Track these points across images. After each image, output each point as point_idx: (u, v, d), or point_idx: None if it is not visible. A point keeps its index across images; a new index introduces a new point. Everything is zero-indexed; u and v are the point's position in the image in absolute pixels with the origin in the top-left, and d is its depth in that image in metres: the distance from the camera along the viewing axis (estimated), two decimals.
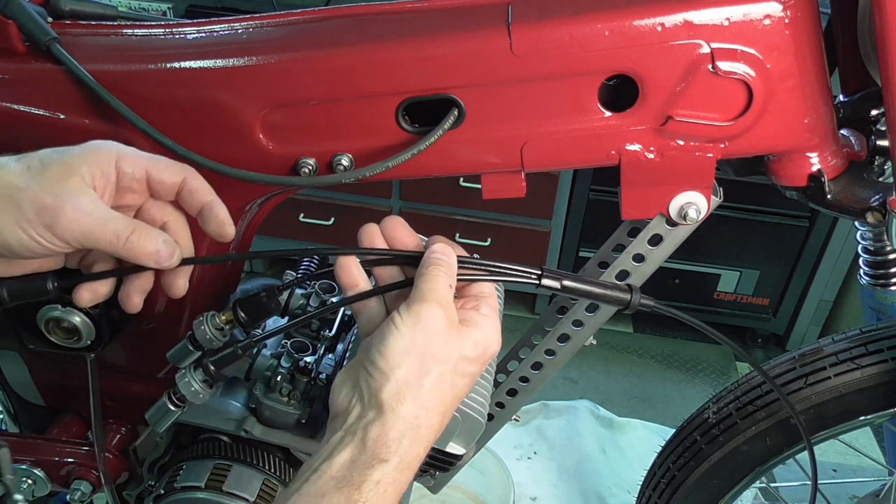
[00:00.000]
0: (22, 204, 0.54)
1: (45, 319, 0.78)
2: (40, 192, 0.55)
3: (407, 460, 0.56)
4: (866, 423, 0.94)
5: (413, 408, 0.56)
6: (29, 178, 0.55)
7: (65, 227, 0.55)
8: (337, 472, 0.55)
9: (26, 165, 0.56)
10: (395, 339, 0.57)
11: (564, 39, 0.65)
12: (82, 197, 0.56)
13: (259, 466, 0.88)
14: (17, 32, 0.70)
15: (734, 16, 0.63)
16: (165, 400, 0.73)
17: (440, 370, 0.57)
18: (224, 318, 0.71)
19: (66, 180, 0.55)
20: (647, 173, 0.70)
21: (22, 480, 0.92)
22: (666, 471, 1.06)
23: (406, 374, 0.56)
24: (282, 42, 0.71)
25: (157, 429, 0.75)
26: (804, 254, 2.14)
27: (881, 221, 0.69)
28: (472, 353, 0.59)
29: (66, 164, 0.56)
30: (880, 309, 1.40)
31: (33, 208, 0.54)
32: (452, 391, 0.59)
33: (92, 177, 0.57)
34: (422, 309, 0.58)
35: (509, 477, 1.60)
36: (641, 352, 2.31)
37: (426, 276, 0.60)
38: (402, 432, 0.56)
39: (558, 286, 0.65)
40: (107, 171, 0.57)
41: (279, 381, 0.83)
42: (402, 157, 0.67)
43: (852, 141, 0.74)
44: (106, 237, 0.57)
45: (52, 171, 0.55)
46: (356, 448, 0.56)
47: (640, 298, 0.66)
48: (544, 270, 0.65)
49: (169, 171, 0.61)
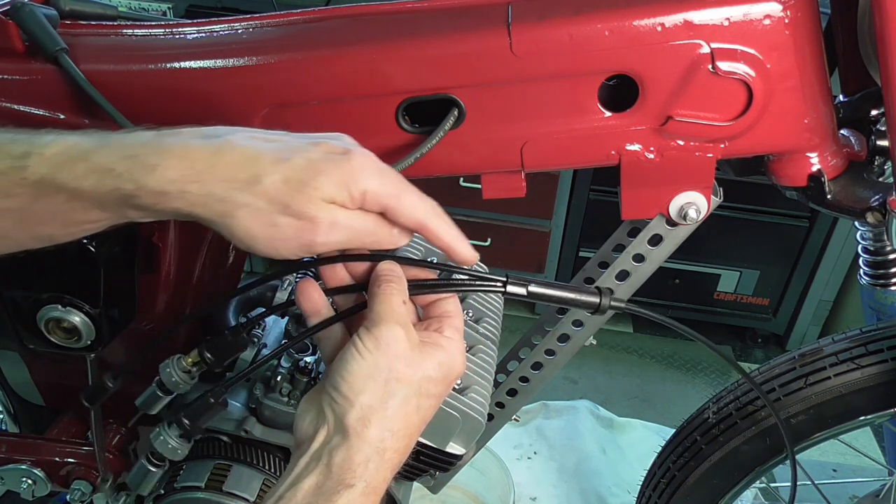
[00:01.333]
0: (281, 224, 0.54)
1: (45, 319, 0.78)
2: (300, 213, 0.54)
3: (373, 485, 0.55)
4: (866, 423, 0.94)
5: (378, 431, 0.55)
6: (288, 197, 0.54)
7: (321, 243, 0.56)
8: (302, 498, 0.54)
9: (283, 179, 0.54)
10: (358, 364, 0.56)
11: (564, 39, 0.65)
12: (338, 214, 0.55)
13: (259, 466, 0.88)
14: (18, 33, 0.70)
15: (734, 16, 0.63)
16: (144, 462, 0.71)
17: (404, 392, 0.56)
18: (190, 361, 0.69)
19: (321, 202, 0.55)
20: (647, 173, 0.70)
21: (22, 480, 0.92)
22: (666, 471, 1.06)
23: (370, 399, 0.55)
24: (282, 42, 0.71)
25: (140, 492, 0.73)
26: (804, 254, 2.14)
27: (881, 221, 0.69)
28: (435, 374, 0.58)
29: (322, 184, 0.54)
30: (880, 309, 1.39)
31: (292, 229, 0.54)
32: (418, 414, 0.58)
33: (343, 200, 0.56)
34: (382, 332, 0.56)
35: (509, 477, 1.60)
36: (641, 352, 2.31)
37: (379, 295, 0.58)
38: (367, 456, 0.55)
39: (524, 293, 0.63)
40: (353, 195, 0.56)
41: (279, 381, 0.83)
42: (406, 161, 0.67)
43: (852, 141, 0.74)
44: (359, 239, 0.57)
45: (310, 192, 0.54)
46: (321, 474, 0.55)
47: (609, 301, 0.64)
48: (509, 277, 0.63)
49: (405, 217, 0.58)
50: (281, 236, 0.55)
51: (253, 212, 0.54)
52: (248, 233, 0.55)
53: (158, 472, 0.72)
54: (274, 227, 0.54)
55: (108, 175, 0.53)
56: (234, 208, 0.54)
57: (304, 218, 0.54)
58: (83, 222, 0.57)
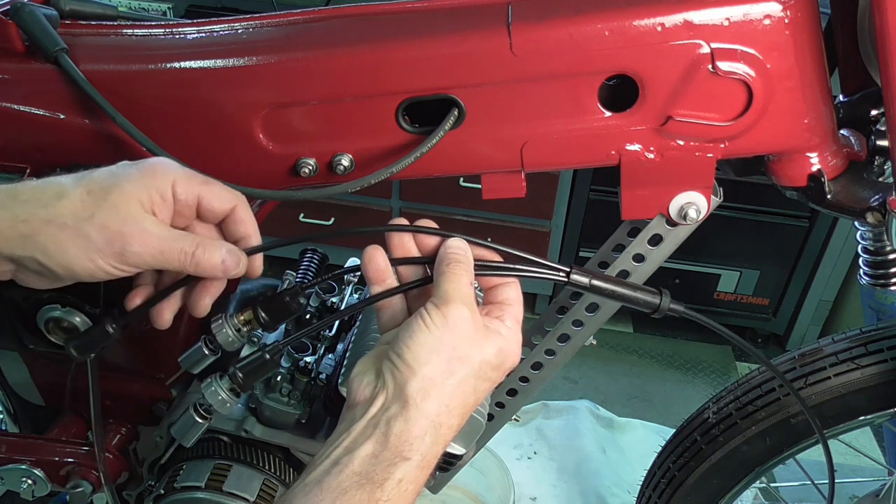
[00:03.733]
0: (90, 234, 0.55)
1: (45, 319, 0.78)
2: (106, 220, 0.55)
3: (428, 458, 0.56)
4: (866, 423, 0.95)
5: (436, 406, 0.56)
6: (93, 206, 0.55)
7: (134, 252, 0.56)
8: (359, 466, 0.54)
9: (86, 191, 0.56)
10: (425, 337, 0.57)
11: (564, 39, 0.65)
12: (146, 221, 0.57)
13: (259, 466, 0.88)
14: (18, 33, 0.70)
15: (734, 16, 0.63)
16: (192, 413, 0.70)
17: (465, 371, 0.57)
18: (242, 319, 0.67)
19: (129, 206, 0.56)
20: (647, 173, 0.70)
21: (22, 480, 0.92)
22: (666, 471, 1.06)
23: (432, 372, 0.56)
24: (282, 42, 0.71)
25: (184, 443, 0.73)
26: (804, 254, 2.14)
27: (881, 221, 0.69)
28: (495, 360, 0.59)
29: (126, 190, 0.56)
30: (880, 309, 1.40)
31: (102, 238, 0.55)
32: (474, 394, 0.59)
33: (151, 201, 0.58)
34: (450, 310, 0.57)
35: (509, 477, 1.60)
36: (641, 352, 2.31)
37: (448, 274, 0.60)
38: (424, 429, 0.56)
39: (587, 283, 0.64)
40: (165, 195, 0.58)
41: (279, 381, 0.83)
42: (405, 161, 0.67)
43: (852, 141, 0.74)
44: (175, 256, 0.58)
45: (114, 199, 0.56)
46: (379, 442, 0.55)
47: (669, 303, 0.65)
48: (573, 268, 0.64)
49: (219, 200, 0.62)
50: (93, 248, 0.55)
51: (59, 227, 0.55)
52: (60, 248, 0.55)
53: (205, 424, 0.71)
54: (84, 238, 0.55)
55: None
56: (40, 226, 0.55)
57: (111, 227, 0.55)
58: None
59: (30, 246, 0.55)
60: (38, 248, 0.55)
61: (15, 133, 0.73)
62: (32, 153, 0.74)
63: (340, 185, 0.71)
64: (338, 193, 0.71)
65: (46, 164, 0.74)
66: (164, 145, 0.69)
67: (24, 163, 0.74)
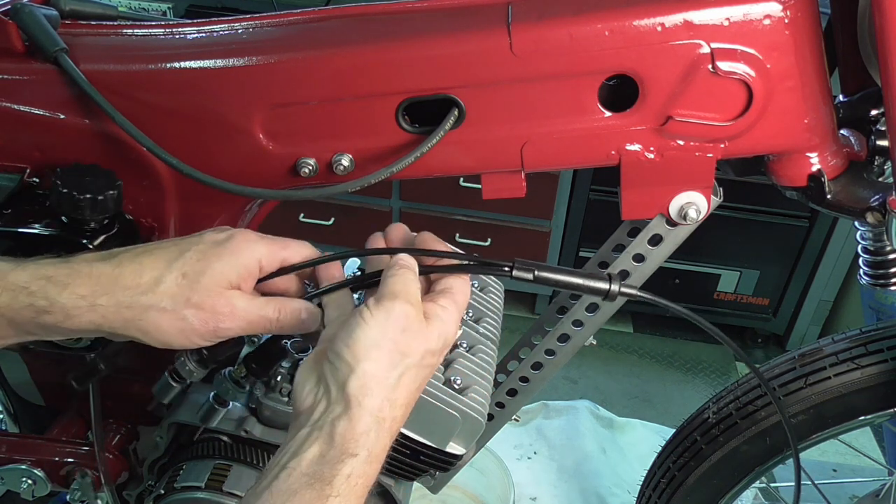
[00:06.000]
0: (187, 317, 0.60)
1: None
2: (201, 302, 0.60)
3: (374, 452, 0.57)
4: (866, 423, 0.94)
5: (378, 400, 0.57)
6: (188, 290, 0.60)
7: (227, 328, 0.61)
8: (307, 468, 0.55)
9: (181, 274, 0.60)
10: (364, 332, 0.57)
11: (564, 39, 0.65)
12: (235, 298, 0.62)
13: (259, 466, 0.88)
14: (18, 33, 0.70)
15: (734, 16, 0.63)
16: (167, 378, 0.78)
17: (408, 364, 0.58)
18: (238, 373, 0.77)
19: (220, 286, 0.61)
20: (647, 173, 0.70)
21: (22, 480, 0.92)
22: (666, 471, 1.06)
23: (373, 368, 0.57)
24: (282, 42, 0.71)
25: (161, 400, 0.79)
26: (804, 254, 2.14)
27: (881, 221, 0.68)
28: (435, 346, 0.61)
29: (218, 271, 0.61)
30: (880, 309, 1.40)
31: (197, 319, 0.60)
32: (416, 384, 0.60)
33: (240, 279, 0.63)
34: (393, 305, 0.58)
35: (509, 477, 1.60)
36: (641, 352, 2.31)
37: (397, 276, 0.61)
38: (368, 426, 0.56)
39: (530, 277, 0.64)
40: (252, 271, 0.63)
41: (279, 381, 0.83)
42: (405, 161, 0.67)
43: (852, 141, 0.74)
44: (262, 325, 0.63)
45: (206, 281, 0.60)
46: (324, 443, 0.56)
47: (619, 287, 0.64)
48: (516, 262, 0.65)
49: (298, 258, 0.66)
50: (189, 328, 0.60)
51: (160, 311, 0.60)
52: (159, 330, 0.60)
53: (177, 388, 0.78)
54: (182, 321, 0.60)
55: (22, 293, 0.59)
56: (142, 312, 0.60)
57: (205, 308, 0.60)
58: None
59: (132, 328, 0.60)
60: (140, 330, 0.60)
61: (15, 133, 0.73)
62: (32, 153, 0.74)
63: (340, 184, 0.71)
64: (338, 193, 0.71)
65: (46, 164, 0.74)
66: (164, 145, 0.69)
67: (24, 163, 0.74)
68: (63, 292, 0.59)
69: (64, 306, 0.59)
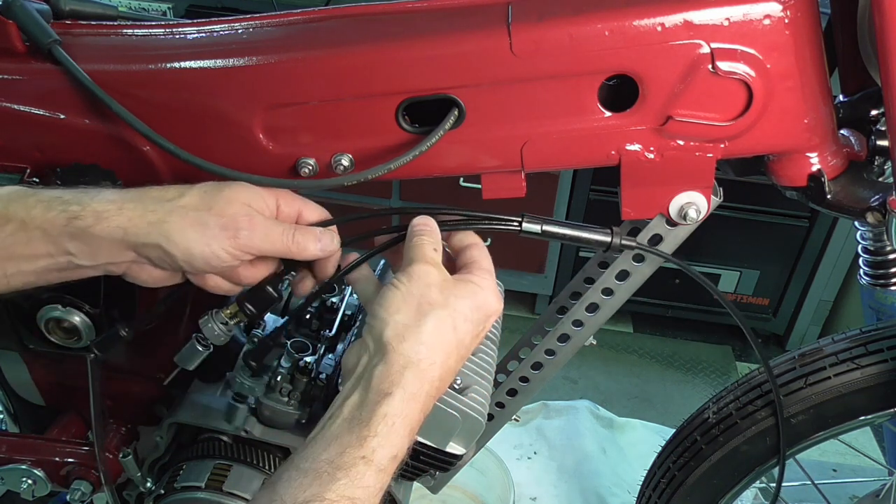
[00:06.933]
0: (208, 222, 0.64)
1: (45, 319, 0.78)
2: (222, 210, 0.64)
3: (410, 391, 0.60)
4: (866, 423, 0.94)
5: (413, 344, 0.61)
6: (210, 200, 0.65)
7: (246, 236, 0.64)
8: (348, 413, 0.59)
9: (203, 190, 0.65)
10: (393, 294, 0.63)
11: (564, 39, 0.65)
12: (255, 213, 0.66)
13: (259, 466, 0.88)
14: (17, 32, 0.70)
15: (734, 16, 0.63)
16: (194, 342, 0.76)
17: (437, 313, 0.62)
18: (228, 313, 0.73)
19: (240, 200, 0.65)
20: (647, 173, 0.70)
21: (22, 480, 0.92)
22: (666, 471, 1.06)
23: (405, 318, 0.62)
24: (282, 42, 0.71)
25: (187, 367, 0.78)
26: (804, 254, 2.14)
27: (881, 221, 0.69)
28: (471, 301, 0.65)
29: (237, 190, 0.66)
30: (880, 309, 1.40)
31: (217, 224, 0.64)
32: (455, 333, 0.63)
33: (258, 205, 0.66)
34: (413, 268, 0.64)
35: (509, 477, 1.60)
36: (641, 352, 2.31)
37: (413, 246, 0.67)
38: (402, 366, 0.60)
39: (539, 230, 0.71)
40: (270, 206, 0.67)
41: (279, 381, 0.83)
42: (404, 158, 0.67)
43: (852, 141, 0.74)
44: (280, 239, 0.66)
45: (227, 194, 0.65)
46: (363, 389, 0.60)
47: (621, 240, 0.70)
48: (525, 216, 0.71)
49: (316, 215, 0.71)
50: (210, 234, 0.63)
51: (182, 215, 0.63)
52: (182, 232, 0.63)
53: (204, 352, 0.76)
54: (203, 225, 0.63)
55: (56, 202, 0.63)
56: (166, 214, 0.63)
57: (226, 215, 0.64)
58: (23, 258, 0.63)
59: (154, 233, 0.63)
60: (163, 235, 0.63)
61: (15, 133, 0.73)
62: (32, 153, 0.74)
63: (337, 178, 0.71)
64: (334, 185, 0.72)
65: (46, 163, 0.74)
66: None
67: (24, 163, 0.74)
68: (95, 197, 0.64)
69: (95, 209, 0.63)
